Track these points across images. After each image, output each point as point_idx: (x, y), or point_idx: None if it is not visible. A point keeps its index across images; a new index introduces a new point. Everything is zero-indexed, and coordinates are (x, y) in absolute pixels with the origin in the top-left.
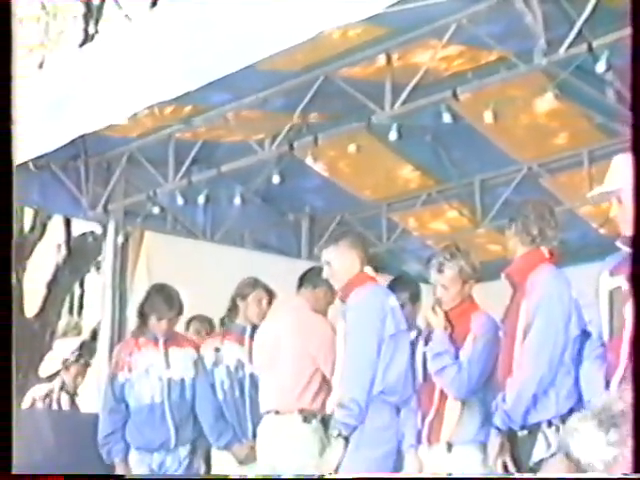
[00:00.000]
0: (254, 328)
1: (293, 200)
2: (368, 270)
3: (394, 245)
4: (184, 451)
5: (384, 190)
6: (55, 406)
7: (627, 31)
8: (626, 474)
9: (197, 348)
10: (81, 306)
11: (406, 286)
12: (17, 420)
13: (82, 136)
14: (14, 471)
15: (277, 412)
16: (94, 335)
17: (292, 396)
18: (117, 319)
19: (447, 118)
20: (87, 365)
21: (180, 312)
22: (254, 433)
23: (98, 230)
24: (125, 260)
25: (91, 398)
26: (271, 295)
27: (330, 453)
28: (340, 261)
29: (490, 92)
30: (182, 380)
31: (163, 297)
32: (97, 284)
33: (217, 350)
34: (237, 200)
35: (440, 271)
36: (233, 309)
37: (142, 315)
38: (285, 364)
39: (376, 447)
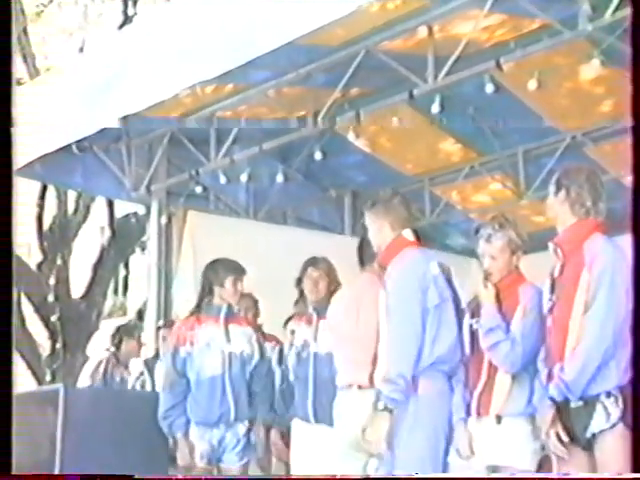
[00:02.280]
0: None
1: (335, 176)
2: (407, 234)
3: (437, 219)
4: (243, 428)
5: (426, 164)
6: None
7: None
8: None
9: (254, 327)
10: (126, 287)
11: None
12: (69, 400)
13: (124, 118)
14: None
15: (360, 387)
16: (140, 315)
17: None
18: (163, 298)
19: (490, 89)
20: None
21: (244, 271)
22: (315, 414)
23: (141, 211)
24: (169, 240)
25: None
26: (331, 274)
27: (376, 428)
28: (371, 228)
29: (534, 61)
30: (242, 355)
31: (224, 262)
32: (142, 265)
33: (292, 332)
34: (279, 177)
35: (489, 241)
36: (302, 292)
37: (204, 288)
38: (365, 338)
39: (432, 417)
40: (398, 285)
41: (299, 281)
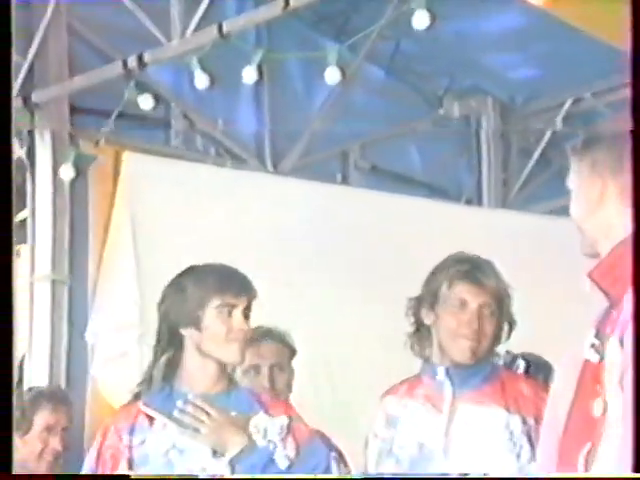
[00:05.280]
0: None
1: (459, 68)
2: None
3: None
4: None
5: None
6: None
7: None
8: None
9: (288, 416)
10: None
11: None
12: None
13: None
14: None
15: None
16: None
17: None
18: (65, 351)
19: None
20: None
21: (247, 289)
22: None
23: (15, 152)
24: (80, 220)
25: None
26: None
27: None
28: (578, 192)
29: None
30: None
31: (207, 272)
32: (16, 278)
33: (391, 425)
34: (331, 75)
35: None
36: (422, 329)
37: (161, 336)
38: None
39: None
40: None
41: (417, 307)
